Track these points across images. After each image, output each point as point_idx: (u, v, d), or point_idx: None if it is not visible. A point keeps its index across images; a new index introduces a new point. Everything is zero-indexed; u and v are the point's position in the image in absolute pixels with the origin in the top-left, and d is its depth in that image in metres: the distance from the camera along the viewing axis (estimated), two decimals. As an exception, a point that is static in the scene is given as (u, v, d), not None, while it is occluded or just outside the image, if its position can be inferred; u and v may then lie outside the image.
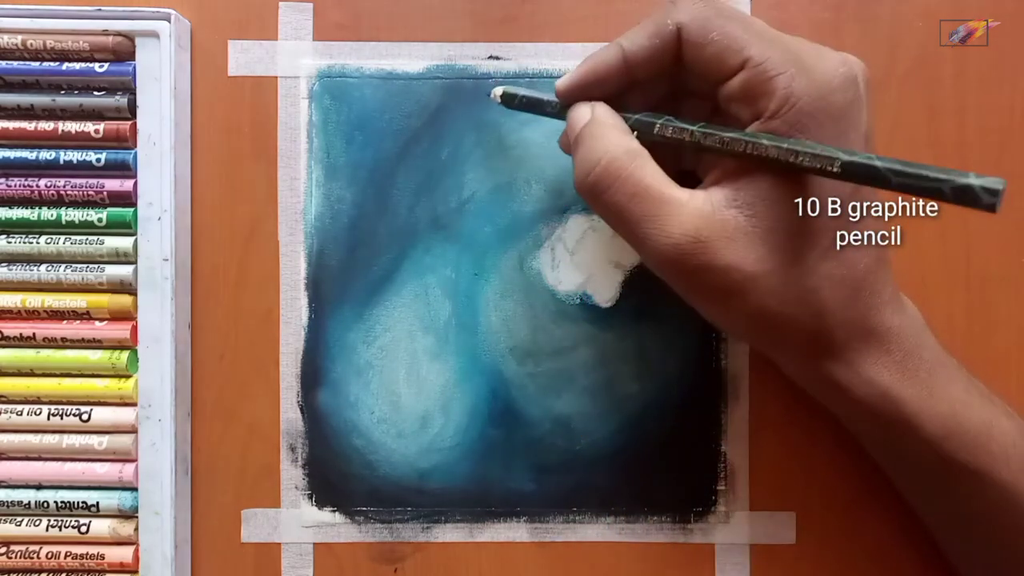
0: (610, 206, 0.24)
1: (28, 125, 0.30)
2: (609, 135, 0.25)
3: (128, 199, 0.30)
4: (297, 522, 0.31)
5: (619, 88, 0.26)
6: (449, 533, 0.32)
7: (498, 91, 0.29)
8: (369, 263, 0.31)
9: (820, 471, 0.31)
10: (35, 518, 0.30)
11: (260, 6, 0.31)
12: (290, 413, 0.31)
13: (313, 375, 0.31)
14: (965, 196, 0.20)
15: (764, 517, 0.31)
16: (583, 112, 0.26)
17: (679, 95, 0.27)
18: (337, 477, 0.31)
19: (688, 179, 0.25)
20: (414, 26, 0.31)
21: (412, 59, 0.31)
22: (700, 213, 0.23)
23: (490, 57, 0.31)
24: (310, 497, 0.31)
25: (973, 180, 0.20)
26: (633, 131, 0.26)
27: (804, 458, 0.31)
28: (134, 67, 0.30)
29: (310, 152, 0.31)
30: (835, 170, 0.22)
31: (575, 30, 0.31)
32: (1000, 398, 0.27)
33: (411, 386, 0.31)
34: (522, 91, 0.29)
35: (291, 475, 0.31)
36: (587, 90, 0.26)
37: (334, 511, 0.31)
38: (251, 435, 0.31)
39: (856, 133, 0.23)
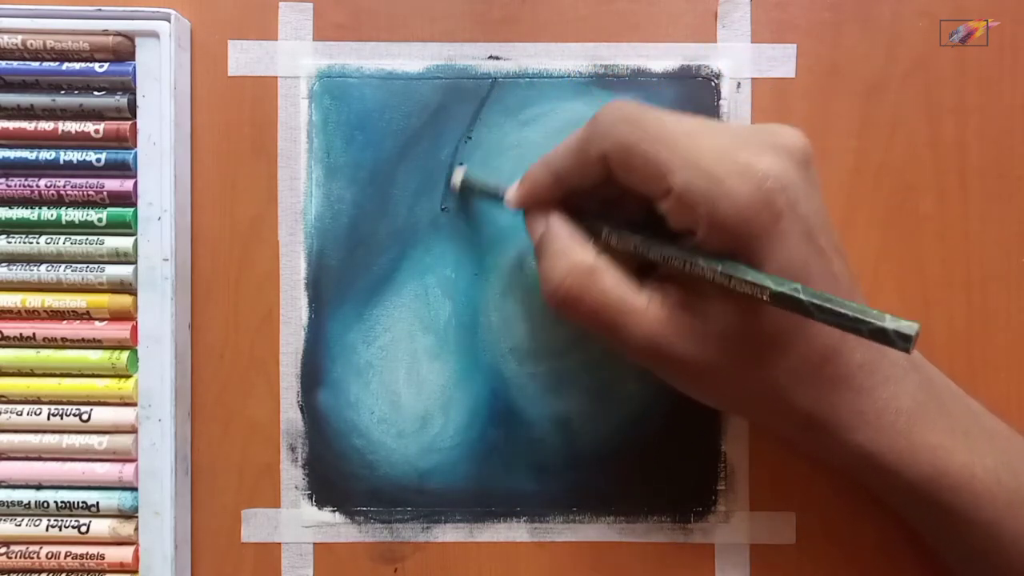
0: (578, 320, 0.26)
1: (28, 125, 0.30)
2: (566, 251, 0.26)
3: (128, 199, 0.30)
4: (297, 522, 0.31)
5: (564, 197, 0.27)
6: (449, 533, 0.32)
7: (457, 179, 0.30)
8: (369, 263, 0.31)
9: (820, 471, 0.31)
10: (35, 518, 0.30)
11: (260, 6, 0.31)
12: (290, 413, 0.31)
13: (313, 375, 0.31)
14: (881, 338, 0.20)
15: (764, 517, 0.31)
16: (539, 223, 0.27)
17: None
18: (337, 477, 0.31)
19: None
20: (414, 26, 0.31)
21: (412, 59, 0.31)
22: (657, 319, 0.24)
23: (490, 57, 0.31)
24: (310, 497, 0.31)
25: (888, 324, 0.20)
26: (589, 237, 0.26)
27: (804, 458, 0.31)
28: (134, 67, 0.30)
29: (310, 152, 0.31)
30: (765, 298, 0.22)
31: (575, 30, 0.31)
32: (997, 415, 0.27)
33: (411, 386, 0.31)
34: (480, 183, 0.30)
35: (291, 475, 0.31)
36: (534, 202, 0.27)
37: (334, 511, 0.31)
38: (251, 435, 0.31)
39: (786, 243, 0.23)
